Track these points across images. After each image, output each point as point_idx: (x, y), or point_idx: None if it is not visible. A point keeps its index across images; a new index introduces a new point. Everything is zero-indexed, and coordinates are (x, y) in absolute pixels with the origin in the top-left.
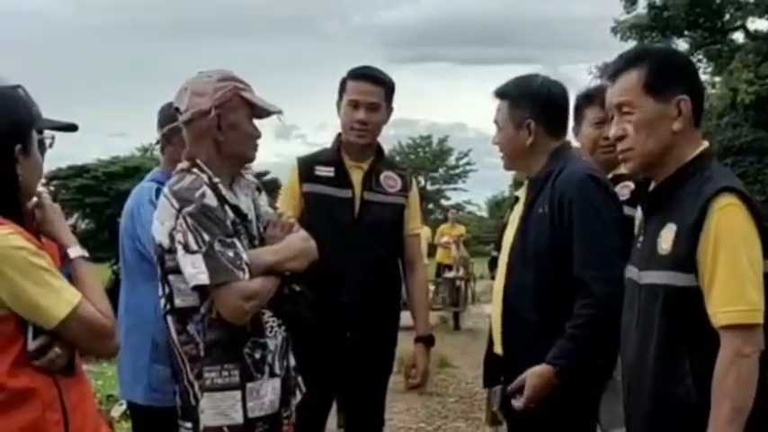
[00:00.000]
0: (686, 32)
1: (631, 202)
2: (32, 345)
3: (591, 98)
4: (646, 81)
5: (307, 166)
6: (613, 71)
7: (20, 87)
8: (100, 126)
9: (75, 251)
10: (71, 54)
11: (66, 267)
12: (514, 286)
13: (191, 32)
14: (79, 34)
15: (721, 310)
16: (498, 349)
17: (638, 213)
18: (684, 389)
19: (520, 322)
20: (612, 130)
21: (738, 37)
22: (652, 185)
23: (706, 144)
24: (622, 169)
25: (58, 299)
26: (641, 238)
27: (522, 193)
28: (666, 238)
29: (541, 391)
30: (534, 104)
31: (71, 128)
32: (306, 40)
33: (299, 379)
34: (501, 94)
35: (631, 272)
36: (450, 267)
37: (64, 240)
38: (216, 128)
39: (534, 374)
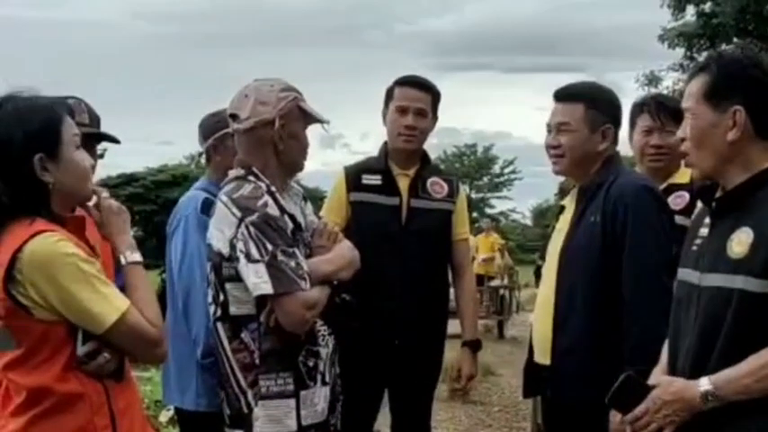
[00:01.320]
0: (735, 39)
1: (685, 212)
2: (81, 350)
3: (641, 107)
4: (706, 89)
5: (354, 175)
6: (690, 75)
7: (72, 98)
8: (147, 135)
9: (129, 257)
10: (124, 63)
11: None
12: (565, 294)
13: (236, 42)
14: (133, 44)
15: None
16: (544, 359)
17: (693, 217)
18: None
19: (570, 331)
20: (678, 132)
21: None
22: (719, 191)
23: None
24: (676, 178)
25: (107, 305)
26: (699, 241)
27: (568, 202)
28: (740, 242)
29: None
30: (611, 110)
31: (113, 140)
32: (350, 49)
33: (339, 385)
34: (574, 95)
35: (687, 274)
36: (490, 278)
37: (118, 245)
38: (279, 137)
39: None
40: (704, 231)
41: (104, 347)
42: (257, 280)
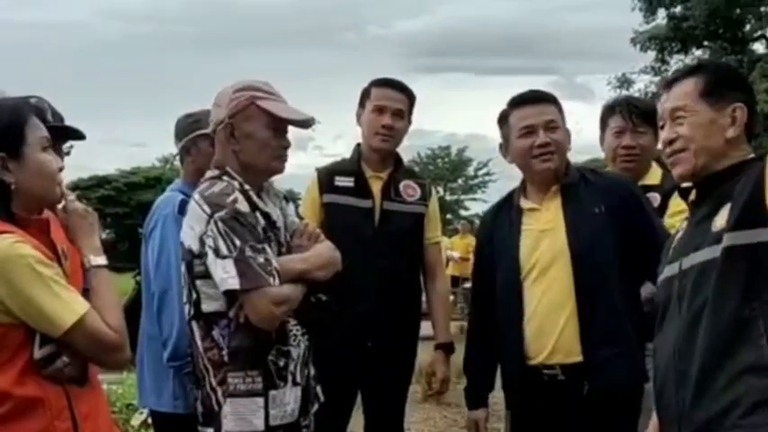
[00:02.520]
0: (706, 43)
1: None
2: (38, 353)
3: (613, 108)
4: (702, 88)
5: (327, 177)
6: (670, 80)
7: (33, 98)
8: (119, 137)
9: (93, 260)
10: (94, 64)
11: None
12: (588, 287)
13: (210, 43)
14: (104, 45)
15: None
16: (561, 357)
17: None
18: (758, 351)
19: (601, 321)
20: (664, 135)
21: (759, 47)
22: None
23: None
24: (646, 180)
25: (65, 308)
26: (675, 242)
27: (529, 204)
28: (722, 216)
29: None
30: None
31: (79, 136)
32: (323, 51)
33: (318, 388)
34: (544, 97)
35: (666, 271)
36: (465, 279)
37: (83, 248)
38: (230, 137)
39: None
40: (680, 234)
41: (64, 351)
42: (225, 275)
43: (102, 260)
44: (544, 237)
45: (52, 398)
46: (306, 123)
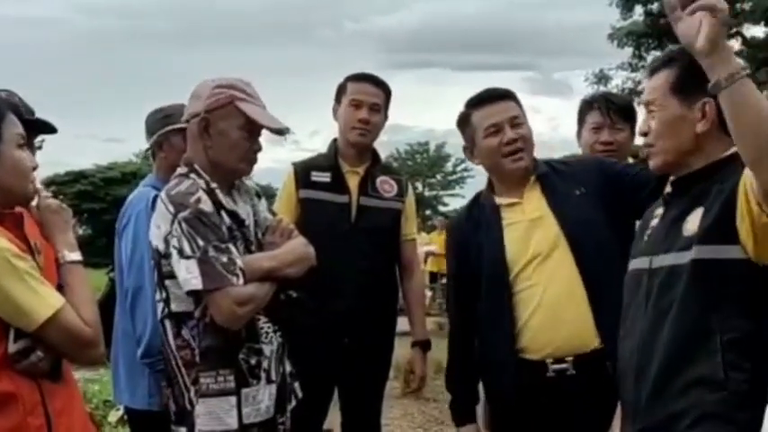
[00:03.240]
0: None
1: None
2: (13, 347)
3: (591, 104)
4: (673, 82)
5: (303, 172)
6: (650, 70)
7: (3, 91)
8: (95, 132)
9: (68, 256)
10: (69, 60)
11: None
12: (593, 271)
13: (185, 39)
14: (79, 40)
15: None
16: (577, 347)
17: (645, 213)
18: (713, 365)
19: (613, 305)
20: (639, 126)
21: (734, 44)
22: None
23: (735, 149)
24: None
25: (40, 302)
26: (650, 231)
27: (507, 200)
28: (693, 221)
29: None
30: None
31: (50, 129)
32: (299, 47)
33: (296, 385)
34: (506, 94)
35: (637, 263)
36: (443, 275)
37: (56, 243)
38: (203, 131)
39: None
40: (655, 222)
41: (38, 346)
42: (188, 276)
43: (76, 256)
44: (535, 226)
45: (25, 393)
46: (280, 132)
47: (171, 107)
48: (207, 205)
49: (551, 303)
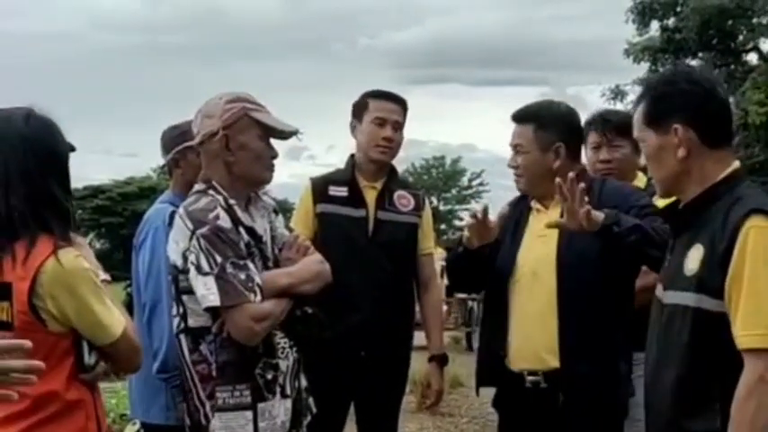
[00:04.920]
0: (699, 54)
1: None
2: (92, 359)
3: (589, 125)
4: (645, 115)
5: (320, 187)
6: (633, 107)
7: (23, 109)
8: (111, 147)
9: (100, 275)
10: (87, 75)
11: None
12: (572, 295)
13: (201, 54)
14: (96, 55)
15: (743, 332)
16: (536, 364)
17: None
18: (711, 418)
19: (582, 335)
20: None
21: (752, 58)
22: (681, 205)
23: (736, 164)
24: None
25: (114, 318)
26: (668, 260)
27: (538, 205)
28: (693, 259)
29: None
30: (560, 129)
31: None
32: (313, 62)
33: (311, 400)
34: (524, 117)
35: (659, 289)
36: None
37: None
38: (224, 148)
39: None
40: (670, 255)
41: (102, 358)
42: (206, 292)
43: (105, 275)
44: (538, 242)
45: (87, 400)
46: (293, 134)
47: (187, 123)
48: (225, 222)
49: (529, 319)
